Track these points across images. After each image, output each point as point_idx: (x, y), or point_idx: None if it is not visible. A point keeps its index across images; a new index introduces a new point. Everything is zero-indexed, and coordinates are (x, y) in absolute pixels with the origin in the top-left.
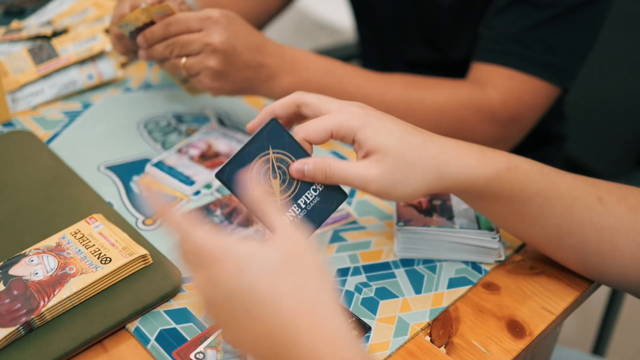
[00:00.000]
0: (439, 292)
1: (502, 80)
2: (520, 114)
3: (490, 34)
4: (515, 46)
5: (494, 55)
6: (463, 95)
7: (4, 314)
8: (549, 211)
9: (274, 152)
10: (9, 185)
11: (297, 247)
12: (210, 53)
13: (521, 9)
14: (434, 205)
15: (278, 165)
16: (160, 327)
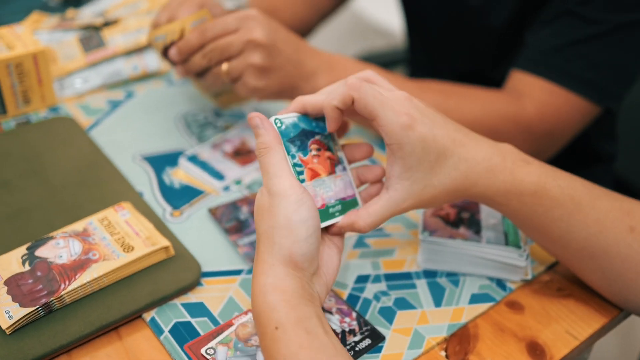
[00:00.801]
0: (460, 307)
1: (541, 93)
2: (556, 129)
3: (535, 43)
4: (558, 59)
5: (536, 66)
6: (499, 106)
7: (26, 293)
8: (571, 236)
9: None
10: (46, 168)
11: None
12: (253, 49)
13: (570, 22)
14: (462, 217)
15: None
16: (175, 319)
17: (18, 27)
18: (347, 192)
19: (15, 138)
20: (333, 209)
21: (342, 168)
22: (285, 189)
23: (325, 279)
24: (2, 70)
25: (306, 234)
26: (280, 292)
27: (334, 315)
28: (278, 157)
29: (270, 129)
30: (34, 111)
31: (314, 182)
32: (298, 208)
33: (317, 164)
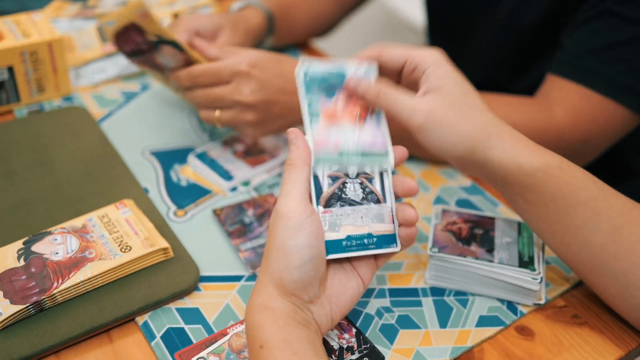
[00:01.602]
0: (466, 329)
1: (576, 98)
2: (590, 137)
3: (571, 45)
4: (595, 63)
5: (572, 70)
6: (523, 116)
7: (18, 290)
8: (596, 225)
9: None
10: (53, 159)
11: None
12: (245, 109)
13: (609, 22)
14: (475, 234)
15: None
16: (168, 324)
17: (36, 14)
18: (376, 143)
19: (26, 126)
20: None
21: (377, 122)
22: (288, 211)
23: (330, 309)
24: (17, 57)
25: (300, 262)
26: (269, 312)
27: (333, 330)
28: (296, 176)
29: (302, 147)
30: (47, 100)
31: (330, 127)
32: (296, 233)
33: (340, 111)
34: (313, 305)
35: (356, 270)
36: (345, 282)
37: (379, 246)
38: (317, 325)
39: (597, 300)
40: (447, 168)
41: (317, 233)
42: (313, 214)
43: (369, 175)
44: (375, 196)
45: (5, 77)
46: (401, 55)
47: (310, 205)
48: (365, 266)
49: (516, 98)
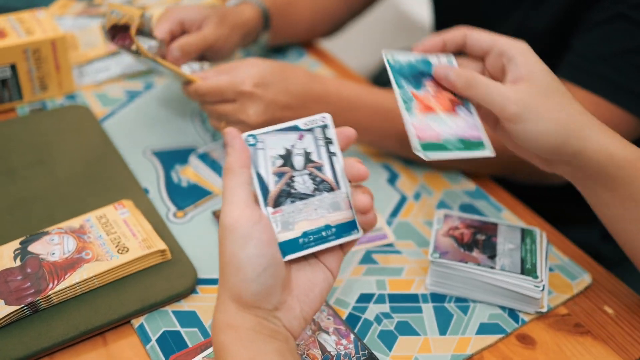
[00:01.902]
0: (466, 336)
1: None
2: None
3: (581, 48)
4: (607, 69)
5: (581, 75)
6: None
7: (13, 290)
8: None
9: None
10: (54, 158)
11: None
12: (252, 125)
13: (622, 27)
14: (477, 240)
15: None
16: (164, 327)
17: (40, 12)
18: (472, 132)
19: (28, 125)
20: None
21: (467, 111)
22: (233, 221)
23: (301, 309)
24: (20, 55)
25: (254, 273)
26: (233, 330)
27: (331, 335)
28: (236, 182)
29: (239, 149)
30: (50, 98)
31: (427, 115)
32: (245, 244)
33: (432, 100)
34: (279, 312)
35: (322, 263)
36: (312, 278)
37: (339, 236)
38: (288, 330)
39: (601, 309)
40: (451, 172)
41: (268, 239)
42: (261, 220)
43: (318, 164)
44: (327, 184)
45: (7, 74)
46: (488, 41)
47: (257, 210)
48: (331, 256)
49: None
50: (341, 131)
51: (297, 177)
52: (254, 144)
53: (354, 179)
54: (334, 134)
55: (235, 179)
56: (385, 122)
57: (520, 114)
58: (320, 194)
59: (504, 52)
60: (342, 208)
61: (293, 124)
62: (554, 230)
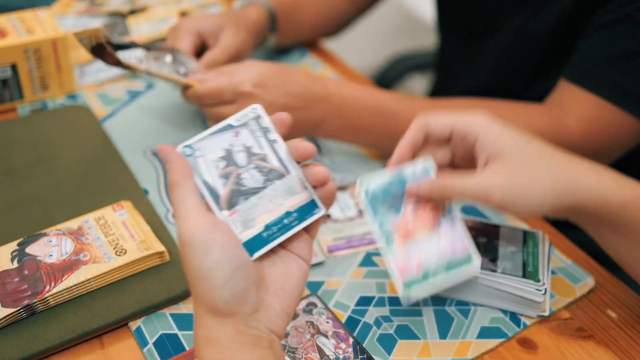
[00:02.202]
0: (467, 340)
1: (589, 108)
2: (602, 148)
3: (587, 50)
4: (612, 72)
5: (586, 77)
6: (535, 126)
7: (10, 292)
8: None
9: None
10: (54, 158)
11: None
12: None
13: (627, 29)
14: (479, 242)
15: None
16: (162, 330)
17: (41, 11)
18: (457, 246)
19: (28, 125)
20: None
21: (451, 221)
22: (188, 234)
23: (280, 305)
24: (20, 55)
25: (223, 280)
26: (213, 345)
27: (330, 339)
28: (182, 193)
29: (177, 162)
30: (51, 97)
31: (407, 245)
32: (207, 253)
33: (414, 222)
34: (259, 313)
35: (292, 252)
36: (285, 270)
37: (301, 219)
38: (271, 331)
39: (604, 313)
40: None
41: (230, 242)
42: (217, 224)
43: (261, 155)
44: (276, 172)
45: (8, 74)
46: (447, 125)
47: (210, 217)
48: (299, 243)
49: (527, 106)
50: (275, 117)
51: (244, 173)
52: (191, 154)
53: (302, 157)
54: (269, 122)
55: (181, 191)
56: (387, 124)
57: (506, 198)
58: (271, 184)
59: (466, 134)
60: (298, 191)
61: (225, 124)
62: (556, 232)
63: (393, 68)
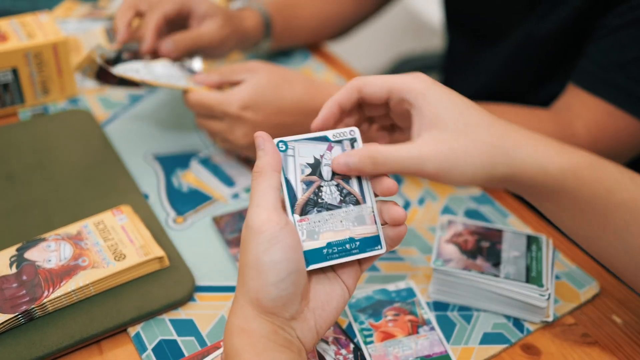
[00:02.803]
0: (469, 346)
1: (598, 114)
2: (612, 152)
3: (596, 54)
4: (621, 77)
5: (595, 83)
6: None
7: (8, 298)
8: (638, 227)
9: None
10: (54, 163)
11: None
12: (240, 147)
13: (637, 34)
14: (481, 247)
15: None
16: (161, 336)
17: (42, 15)
18: (435, 349)
19: (29, 129)
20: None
21: (430, 329)
22: (260, 224)
23: (315, 322)
24: (21, 59)
25: (276, 278)
26: (247, 336)
27: (330, 345)
28: (266, 185)
29: (270, 152)
30: (52, 102)
31: (385, 342)
32: (270, 247)
33: (392, 327)
34: (295, 322)
35: (340, 277)
36: (329, 292)
37: (362, 250)
38: (301, 342)
39: (609, 319)
40: None
41: (294, 245)
42: (287, 225)
43: (345, 176)
44: (353, 197)
45: (9, 78)
46: (383, 88)
47: (284, 216)
48: (349, 272)
49: (534, 111)
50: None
51: (324, 187)
52: (285, 150)
53: (384, 193)
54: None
55: (266, 181)
56: None
57: (440, 169)
58: (346, 206)
59: (403, 98)
60: (367, 222)
61: (323, 134)
62: (561, 236)
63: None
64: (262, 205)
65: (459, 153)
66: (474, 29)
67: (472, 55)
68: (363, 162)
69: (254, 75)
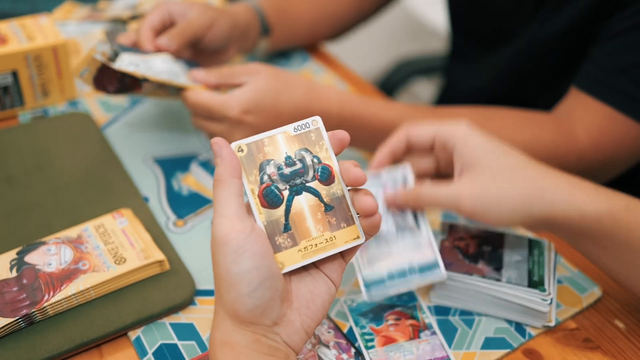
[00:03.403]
0: (471, 351)
1: (601, 119)
2: (615, 158)
3: (601, 58)
4: (625, 81)
5: (599, 87)
6: (543, 138)
7: (8, 302)
8: None
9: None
10: (53, 166)
11: None
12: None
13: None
14: (483, 251)
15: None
16: (161, 340)
17: (42, 17)
18: (435, 354)
19: (28, 132)
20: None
21: (431, 333)
22: (224, 234)
23: (302, 322)
24: (21, 61)
25: (249, 288)
26: (230, 349)
27: (331, 349)
28: (227, 193)
29: (227, 158)
30: (52, 104)
31: (386, 347)
32: (237, 258)
33: (393, 332)
34: (279, 327)
35: (323, 272)
36: (313, 289)
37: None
38: (288, 345)
39: (612, 323)
40: None
41: (262, 252)
42: (253, 231)
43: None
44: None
45: (9, 81)
46: (428, 135)
47: (249, 222)
48: (332, 265)
49: (536, 115)
50: (334, 134)
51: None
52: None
53: (352, 183)
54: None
55: (226, 189)
56: None
57: (476, 208)
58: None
59: (446, 143)
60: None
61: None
62: (563, 241)
63: (397, 72)
64: (224, 215)
65: (496, 195)
66: (478, 32)
67: (476, 58)
68: (408, 201)
69: (254, 78)
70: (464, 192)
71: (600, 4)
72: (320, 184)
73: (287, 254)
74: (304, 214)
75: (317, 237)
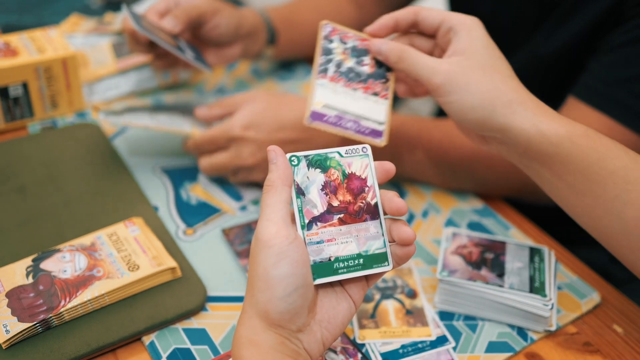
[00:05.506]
0: (475, 354)
1: (597, 128)
2: None
3: (600, 70)
4: (623, 93)
5: (597, 97)
6: None
7: (26, 308)
8: (629, 196)
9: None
10: (64, 176)
11: None
12: (250, 170)
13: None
14: (485, 258)
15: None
16: (175, 345)
17: (51, 30)
18: (440, 358)
19: (38, 142)
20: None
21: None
22: (269, 237)
23: (322, 335)
24: (31, 73)
25: (284, 292)
26: (255, 347)
27: (338, 355)
28: (277, 199)
29: (282, 166)
30: (61, 115)
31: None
32: (278, 262)
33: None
34: (302, 334)
35: (347, 292)
36: (336, 305)
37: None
38: (308, 353)
39: (610, 328)
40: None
41: (302, 260)
42: (296, 240)
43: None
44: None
45: (19, 92)
46: (438, 17)
47: (293, 230)
48: (356, 287)
49: None
50: (381, 165)
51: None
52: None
53: (393, 212)
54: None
55: (277, 195)
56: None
57: (445, 85)
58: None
59: (452, 27)
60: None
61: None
62: (562, 248)
63: None
64: (271, 219)
65: (471, 81)
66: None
67: None
68: (392, 52)
69: (252, 100)
70: (441, 67)
71: (603, 19)
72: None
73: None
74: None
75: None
